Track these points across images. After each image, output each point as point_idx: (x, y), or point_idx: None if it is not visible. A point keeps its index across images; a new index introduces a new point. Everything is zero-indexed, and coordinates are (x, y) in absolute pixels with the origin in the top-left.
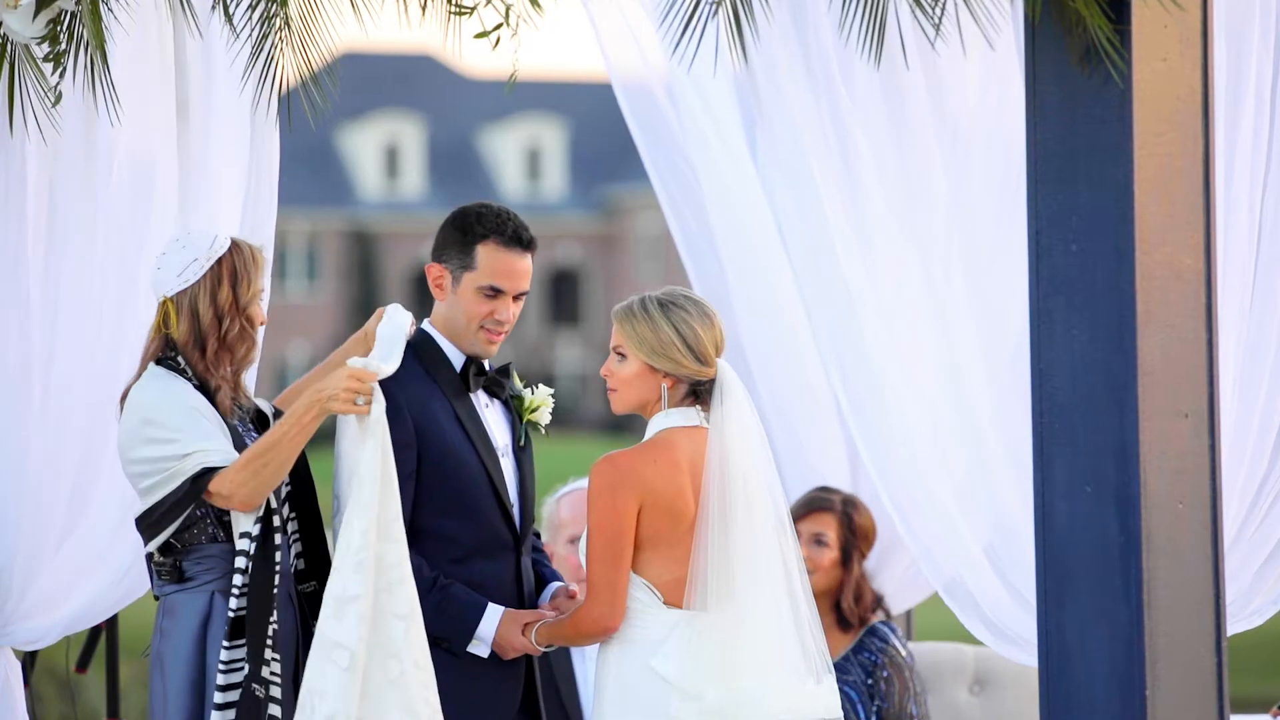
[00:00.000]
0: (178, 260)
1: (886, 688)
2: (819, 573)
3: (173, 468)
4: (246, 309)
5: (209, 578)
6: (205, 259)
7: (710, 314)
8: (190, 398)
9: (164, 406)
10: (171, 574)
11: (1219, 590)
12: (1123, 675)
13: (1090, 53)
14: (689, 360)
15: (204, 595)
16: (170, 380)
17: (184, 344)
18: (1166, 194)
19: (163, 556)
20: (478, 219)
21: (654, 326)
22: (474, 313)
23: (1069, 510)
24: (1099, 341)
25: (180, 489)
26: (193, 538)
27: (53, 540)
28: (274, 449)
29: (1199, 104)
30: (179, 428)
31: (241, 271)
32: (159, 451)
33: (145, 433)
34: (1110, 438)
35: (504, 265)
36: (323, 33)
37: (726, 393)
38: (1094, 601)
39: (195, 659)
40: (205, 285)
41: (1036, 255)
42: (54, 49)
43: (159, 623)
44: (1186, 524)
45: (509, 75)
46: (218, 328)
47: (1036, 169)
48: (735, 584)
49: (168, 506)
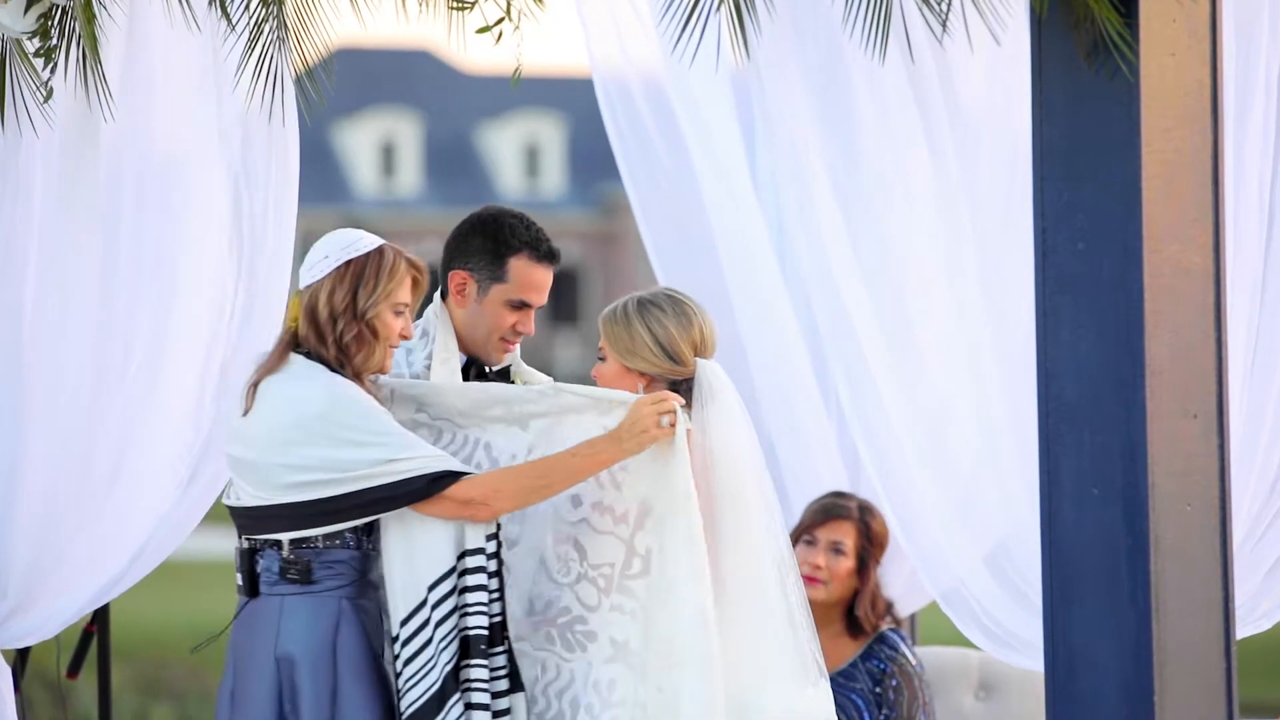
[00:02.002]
0: (315, 255)
1: (895, 696)
2: (836, 582)
3: (377, 470)
4: (366, 314)
5: (336, 583)
6: (336, 257)
7: (690, 313)
8: (368, 398)
9: (350, 407)
10: (300, 575)
11: (1228, 593)
12: (1130, 680)
13: (1097, 48)
14: (661, 359)
15: (334, 600)
16: (332, 375)
17: (305, 338)
18: (1174, 191)
19: (294, 554)
20: (511, 231)
21: (628, 327)
22: (499, 324)
23: (1075, 513)
24: (1106, 341)
25: (403, 485)
26: (337, 538)
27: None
28: (558, 472)
29: (1208, 99)
30: (384, 432)
31: (368, 276)
32: (354, 455)
33: (325, 430)
34: (1117, 439)
35: (536, 280)
36: (319, 27)
37: (713, 394)
38: (1101, 605)
39: (330, 664)
40: (326, 284)
41: (1042, 254)
42: (45, 44)
43: (276, 623)
44: (1195, 526)
45: (509, 71)
46: (332, 328)
47: (1042, 166)
48: (726, 586)
49: (372, 500)
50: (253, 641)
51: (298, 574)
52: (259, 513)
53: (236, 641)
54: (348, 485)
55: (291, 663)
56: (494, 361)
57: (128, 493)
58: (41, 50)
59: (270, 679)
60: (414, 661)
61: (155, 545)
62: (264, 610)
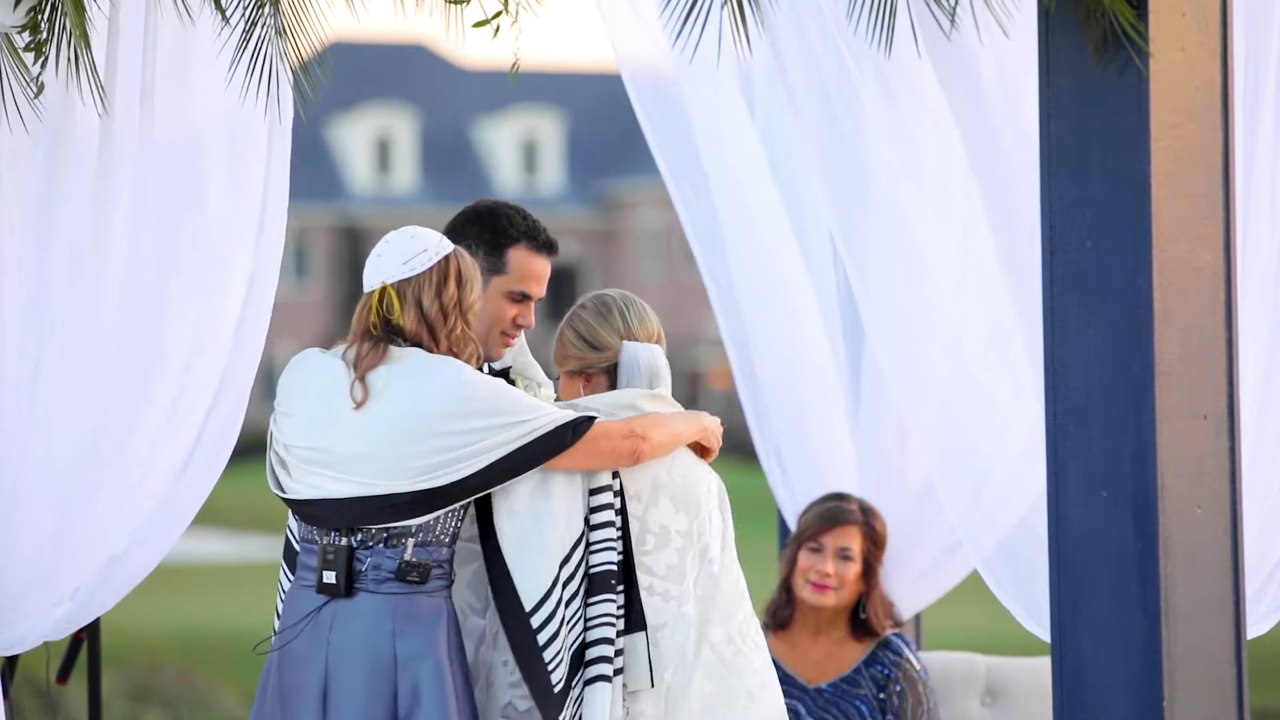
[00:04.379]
0: (405, 249)
1: (899, 702)
2: (846, 588)
3: (520, 433)
4: (468, 313)
5: (441, 582)
6: (435, 252)
7: (609, 304)
8: (489, 376)
9: (480, 385)
10: (421, 576)
11: (1239, 598)
12: (1139, 685)
13: (1107, 41)
14: (582, 349)
15: (441, 599)
16: (455, 361)
17: (413, 332)
18: (1184, 187)
19: (417, 555)
20: (509, 221)
21: (556, 336)
22: (499, 317)
23: (1084, 515)
24: (1114, 341)
25: (548, 439)
26: (452, 536)
27: (29, 541)
28: (681, 429)
29: (1218, 94)
30: (516, 399)
31: (467, 275)
32: (495, 422)
33: (465, 411)
34: (1126, 440)
35: (536, 270)
36: (313, 21)
37: (635, 377)
38: (1110, 609)
39: (448, 663)
40: (431, 278)
41: (1050, 251)
42: (35, 38)
43: (391, 623)
44: (1205, 529)
45: (507, 65)
46: (443, 322)
47: (1050, 162)
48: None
49: (522, 460)
50: (359, 642)
51: (419, 575)
52: (383, 502)
53: (332, 640)
54: (493, 454)
55: (416, 663)
56: (495, 357)
57: (111, 499)
58: (31, 45)
59: (386, 680)
60: (556, 639)
61: (137, 556)
62: (370, 609)
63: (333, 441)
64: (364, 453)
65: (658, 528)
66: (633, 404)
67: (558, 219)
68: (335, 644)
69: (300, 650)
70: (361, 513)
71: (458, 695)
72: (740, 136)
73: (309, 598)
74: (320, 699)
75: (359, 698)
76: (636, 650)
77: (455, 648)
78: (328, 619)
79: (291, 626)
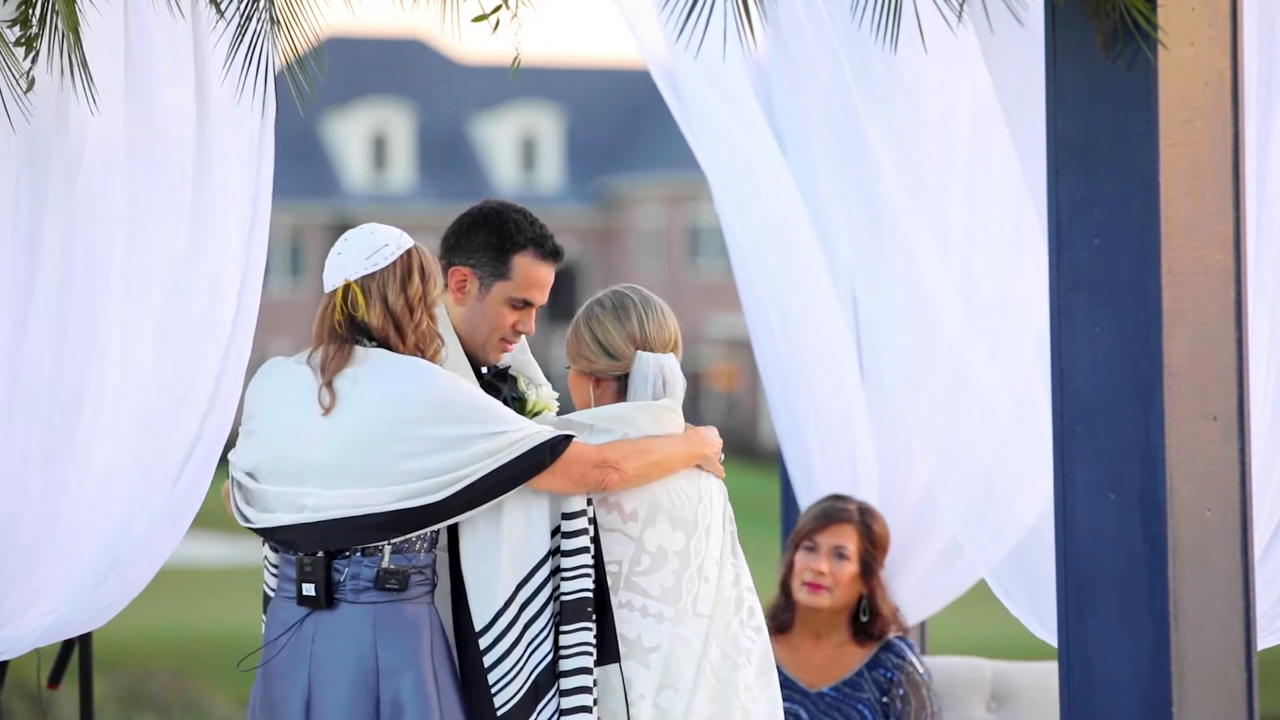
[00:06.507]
0: (366, 244)
1: (903, 706)
2: (840, 588)
3: (496, 447)
4: (432, 308)
5: (423, 589)
6: (397, 246)
7: (630, 307)
8: (462, 380)
9: (454, 390)
10: (400, 584)
11: (1249, 601)
12: (1148, 690)
13: (1115, 37)
14: (597, 355)
15: (422, 607)
16: (424, 363)
17: (379, 329)
18: (1194, 185)
19: (395, 562)
20: (516, 227)
21: (574, 331)
22: (500, 323)
23: (1091, 517)
24: (1122, 340)
25: (525, 459)
26: (434, 543)
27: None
28: (664, 457)
29: (1228, 91)
30: (489, 408)
31: (429, 269)
32: (471, 432)
33: (438, 417)
34: (1134, 441)
35: (540, 277)
36: (309, 15)
37: (644, 388)
38: (1117, 613)
39: (432, 672)
40: (395, 272)
41: (1057, 249)
42: (25, 33)
43: (372, 633)
44: (1215, 532)
45: (505, 61)
46: (409, 317)
47: (1057, 159)
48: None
49: (500, 481)
50: (341, 653)
51: (398, 583)
52: (360, 523)
53: (315, 653)
54: (473, 472)
55: (398, 674)
56: (491, 361)
57: (100, 505)
58: (21, 39)
59: (368, 692)
60: (504, 661)
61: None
62: (351, 620)
63: (301, 450)
64: (333, 461)
65: (654, 548)
66: (630, 419)
67: (557, 216)
68: (318, 656)
69: (284, 663)
70: (339, 534)
71: (441, 705)
72: (763, 133)
73: (291, 610)
74: (304, 712)
75: (340, 711)
76: (610, 683)
77: (440, 655)
78: (310, 631)
79: (274, 640)
